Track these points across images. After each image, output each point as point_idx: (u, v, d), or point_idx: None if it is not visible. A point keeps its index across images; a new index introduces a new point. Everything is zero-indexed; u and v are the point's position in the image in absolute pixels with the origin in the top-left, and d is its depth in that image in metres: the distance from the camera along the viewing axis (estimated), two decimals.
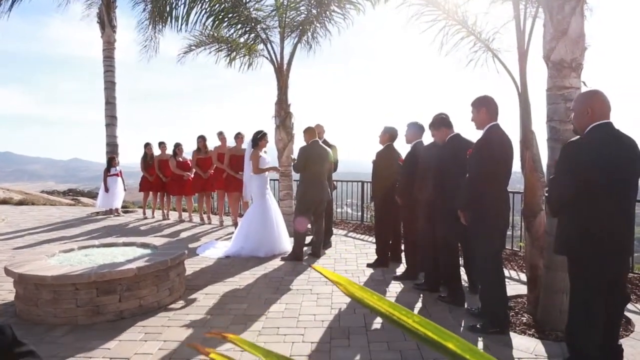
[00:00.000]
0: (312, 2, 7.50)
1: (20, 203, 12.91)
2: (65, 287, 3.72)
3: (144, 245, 4.94)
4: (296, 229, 5.99)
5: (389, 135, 5.69)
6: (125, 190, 10.63)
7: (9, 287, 4.19)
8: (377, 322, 3.77)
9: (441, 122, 4.49)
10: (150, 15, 8.47)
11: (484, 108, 3.62)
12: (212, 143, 8.97)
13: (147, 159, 9.87)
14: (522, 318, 3.87)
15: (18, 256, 4.71)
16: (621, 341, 2.95)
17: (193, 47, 9.23)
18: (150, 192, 10.08)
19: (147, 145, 9.91)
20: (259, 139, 6.47)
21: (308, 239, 6.56)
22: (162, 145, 9.82)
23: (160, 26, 7.66)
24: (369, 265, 5.65)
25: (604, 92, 2.72)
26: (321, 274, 0.53)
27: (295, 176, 7.08)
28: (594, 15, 4.64)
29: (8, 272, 3.88)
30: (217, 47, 8.92)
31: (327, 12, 7.68)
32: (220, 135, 8.67)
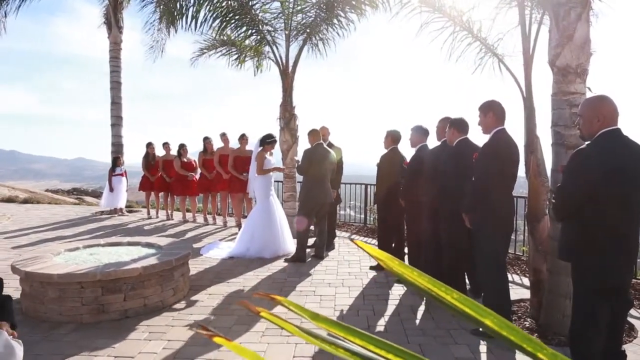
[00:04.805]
0: (322, 6, 7.53)
1: (26, 201, 13.00)
2: (71, 285, 3.76)
3: (148, 245, 4.98)
4: (297, 228, 6.04)
5: (392, 138, 5.74)
6: (127, 190, 10.69)
7: (15, 284, 4.22)
8: (381, 325, 3.78)
9: (452, 124, 4.40)
10: (161, 16, 8.55)
11: (492, 112, 3.64)
12: (216, 144, 9.03)
13: (149, 159, 9.93)
14: (525, 322, 3.87)
15: (24, 254, 4.75)
16: (624, 347, 2.95)
17: (205, 51, 9.34)
18: (152, 192, 10.13)
19: (149, 145, 9.96)
20: (268, 142, 6.50)
21: (311, 240, 6.58)
22: (166, 145, 9.86)
23: (170, 27, 7.72)
24: (371, 268, 5.66)
25: (612, 98, 2.71)
26: (362, 248, 0.54)
27: (299, 177, 7.10)
28: (599, 21, 4.64)
29: (15, 269, 3.92)
30: (226, 49, 9.02)
31: (337, 17, 7.70)
32: (223, 137, 8.71)
